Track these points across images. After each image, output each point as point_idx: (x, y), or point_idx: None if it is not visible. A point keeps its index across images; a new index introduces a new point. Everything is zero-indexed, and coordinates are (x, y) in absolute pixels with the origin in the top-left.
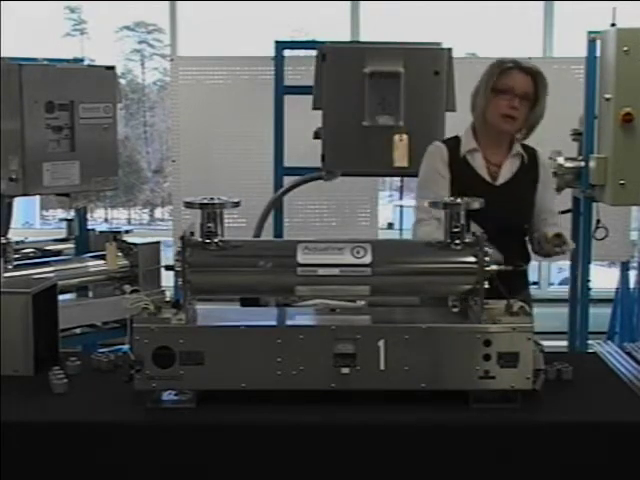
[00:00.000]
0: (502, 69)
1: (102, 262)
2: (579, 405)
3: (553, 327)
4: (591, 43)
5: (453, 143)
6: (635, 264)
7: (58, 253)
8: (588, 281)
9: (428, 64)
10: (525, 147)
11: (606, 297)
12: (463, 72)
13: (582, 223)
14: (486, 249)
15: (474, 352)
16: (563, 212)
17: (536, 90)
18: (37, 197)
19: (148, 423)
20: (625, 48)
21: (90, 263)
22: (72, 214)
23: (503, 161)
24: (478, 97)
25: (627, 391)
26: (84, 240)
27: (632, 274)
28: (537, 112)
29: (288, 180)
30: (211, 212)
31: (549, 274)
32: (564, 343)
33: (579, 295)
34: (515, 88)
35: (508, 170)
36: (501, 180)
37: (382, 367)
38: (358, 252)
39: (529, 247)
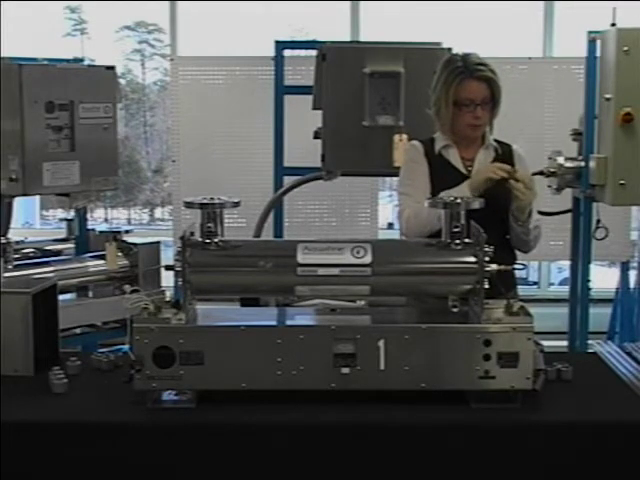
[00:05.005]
0: (459, 80)
1: (102, 262)
2: (579, 405)
3: (553, 327)
4: (591, 43)
5: (428, 141)
6: (635, 264)
7: (58, 253)
8: (588, 281)
9: (428, 64)
10: (500, 143)
11: (606, 297)
12: None
13: (582, 223)
14: (485, 248)
15: (474, 352)
16: (563, 212)
17: (492, 93)
18: (37, 197)
19: (148, 423)
20: (625, 48)
21: (90, 263)
22: (72, 214)
23: (476, 153)
24: (440, 108)
25: (627, 391)
26: (84, 240)
27: (632, 274)
28: (496, 112)
29: (288, 180)
30: (211, 212)
31: (549, 274)
32: (564, 343)
33: (579, 295)
34: (475, 99)
35: (482, 161)
36: (475, 170)
37: (382, 367)
38: (358, 252)
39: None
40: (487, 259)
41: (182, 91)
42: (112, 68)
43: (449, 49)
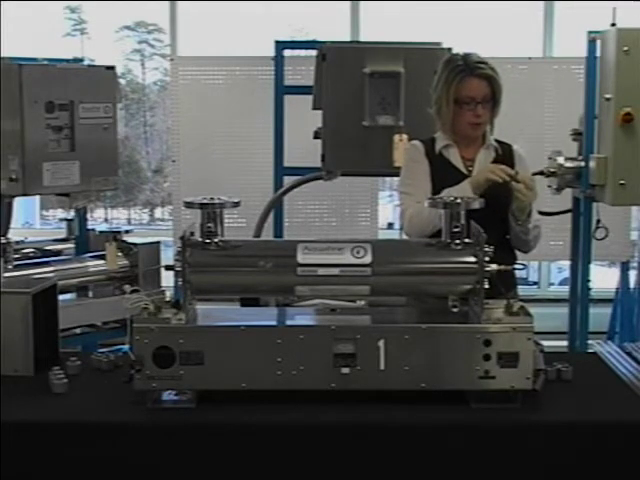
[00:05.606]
0: (460, 78)
1: (102, 262)
2: (579, 405)
3: (553, 327)
4: (591, 43)
5: (429, 141)
6: (635, 264)
7: (58, 253)
8: (588, 281)
9: (428, 64)
10: (501, 143)
11: (606, 297)
12: None
13: (582, 223)
14: (485, 248)
15: (474, 352)
16: (563, 212)
17: (493, 92)
18: (37, 197)
19: (148, 423)
20: (625, 48)
21: (90, 263)
22: (72, 214)
23: (477, 153)
24: (441, 106)
25: (627, 391)
26: (84, 240)
27: (632, 274)
28: (497, 111)
29: (288, 180)
30: (211, 212)
31: (549, 274)
32: (564, 343)
33: (579, 295)
34: (476, 97)
35: (483, 161)
36: (476, 170)
37: (382, 367)
38: (358, 252)
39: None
40: (487, 259)
41: (182, 91)
42: (112, 68)
43: (449, 49)
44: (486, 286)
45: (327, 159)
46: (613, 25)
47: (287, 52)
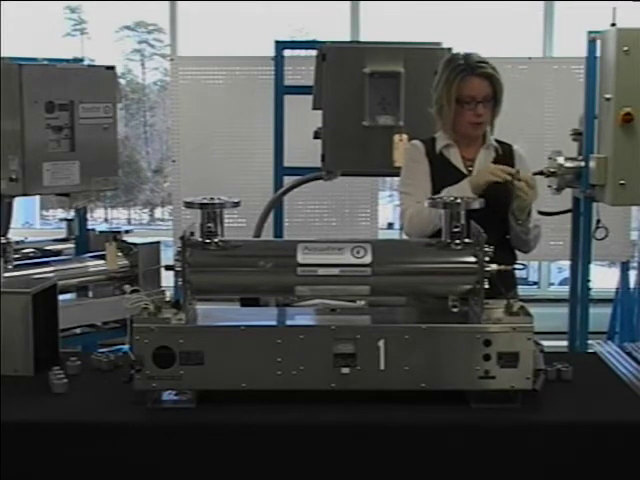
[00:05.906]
0: (461, 77)
1: (102, 262)
2: (579, 405)
3: (553, 327)
4: (591, 43)
5: (429, 141)
6: (635, 264)
7: (58, 253)
8: (588, 281)
9: (428, 64)
10: (501, 143)
11: (606, 297)
12: None
13: (582, 223)
14: (485, 248)
15: (474, 352)
16: (563, 212)
17: (494, 91)
18: (37, 197)
19: (148, 423)
20: (625, 48)
21: (90, 263)
22: (72, 214)
23: (477, 153)
24: (442, 106)
25: (627, 391)
26: (84, 240)
27: (632, 274)
28: (498, 110)
29: (288, 180)
30: (211, 212)
31: (549, 274)
32: (564, 343)
33: (579, 295)
34: (477, 96)
35: (483, 161)
36: (476, 170)
37: (382, 367)
38: (358, 252)
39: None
40: (487, 259)
41: (182, 91)
42: (112, 68)
43: (449, 49)
44: (486, 286)
45: (327, 159)
46: (613, 25)
47: (287, 52)
